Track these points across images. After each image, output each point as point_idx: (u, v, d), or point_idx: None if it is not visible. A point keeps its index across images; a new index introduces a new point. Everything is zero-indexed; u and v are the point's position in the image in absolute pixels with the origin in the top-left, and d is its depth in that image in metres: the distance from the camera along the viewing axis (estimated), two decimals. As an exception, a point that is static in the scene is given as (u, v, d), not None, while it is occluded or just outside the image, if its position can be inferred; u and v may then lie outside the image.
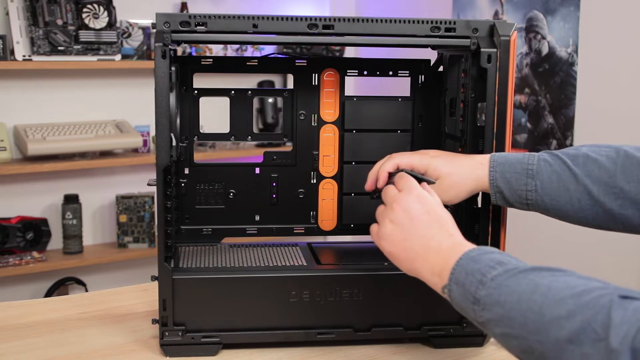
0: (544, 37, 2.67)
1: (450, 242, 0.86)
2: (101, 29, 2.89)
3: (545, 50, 2.66)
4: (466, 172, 1.02)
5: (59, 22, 2.83)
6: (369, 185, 1.06)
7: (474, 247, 0.84)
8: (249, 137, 1.22)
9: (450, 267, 0.83)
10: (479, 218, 1.10)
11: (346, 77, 1.22)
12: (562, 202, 0.99)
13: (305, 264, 1.13)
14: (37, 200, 3.03)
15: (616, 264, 2.36)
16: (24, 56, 2.78)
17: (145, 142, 3.06)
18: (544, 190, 0.99)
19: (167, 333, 1.05)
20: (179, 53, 1.18)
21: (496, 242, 1.09)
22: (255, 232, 1.23)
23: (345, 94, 1.22)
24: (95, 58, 2.89)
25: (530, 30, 2.71)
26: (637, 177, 0.94)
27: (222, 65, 1.24)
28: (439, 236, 0.87)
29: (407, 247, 0.89)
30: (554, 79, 2.64)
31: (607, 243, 2.30)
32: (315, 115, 1.21)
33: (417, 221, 0.89)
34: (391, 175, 1.02)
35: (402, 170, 0.99)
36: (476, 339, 1.12)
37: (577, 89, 2.55)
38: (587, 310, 0.66)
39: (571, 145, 2.57)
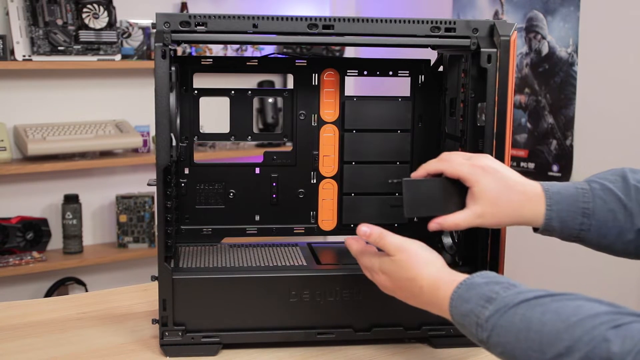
0: (544, 37, 2.67)
1: (426, 296, 0.89)
2: (101, 29, 2.89)
3: (545, 50, 2.66)
4: (513, 207, 0.96)
5: (59, 22, 2.83)
6: (418, 174, 1.04)
7: (459, 283, 0.84)
8: (249, 137, 1.22)
9: (447, 312, 0.85)
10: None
11: (346, 77, 1.22)
12: (612, 240, 0.96)
13: (305, 264, 1.13)
14: (37, 200, 3.03)
15: (616, 265, 2.36)
16: (24, 56, 2.78)
17: (145, 142, 3.06)
18: (599, 229, 0.96)
19: (167, 333, 1.05)
20: (179, 53, 1.18)
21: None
22: (255, 232, 1.23)
23: (345, 94, 1.22)
24: (95, 58, 2.89)
25: (530, 30, 2.72)
26: None
27: (222, 65, 1.23)
28: (417, 297, 0.90)
29: (405, 298, 0.94)
30: (554, 79, 2.64)
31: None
32: (315, 115, 1.21)
33: (396, 291, 0.94)
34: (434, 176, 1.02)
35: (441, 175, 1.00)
36: (476, 339, 1.12)
37: (577, 89, 2.55)
38: (584, 345, 0.68)
39: (571, 145, 2.57)
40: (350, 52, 3.46)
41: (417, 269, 0.90)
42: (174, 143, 1.06)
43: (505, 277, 0.83)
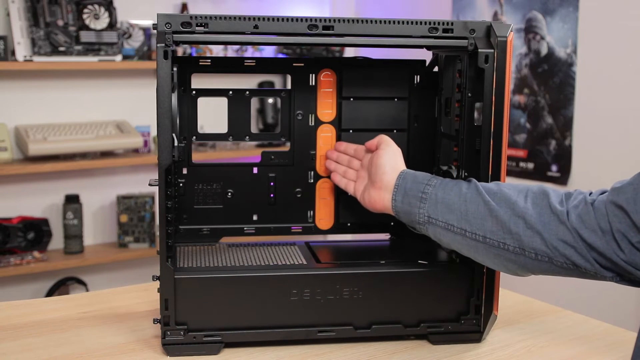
0: (543, 38, 2.67)
1: (388, 175, 1.09)
2: (102, 30, 2.90)
3: (544, 50, 2.67)
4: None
5: (60, 22, 2.84)
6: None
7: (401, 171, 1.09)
8: (247, 137, 1.22)
9: (392, 183, 1.08)
10: None
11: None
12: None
13: (305, 262, 1.14)
14: (38, 201, 3.04)
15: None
16: (25, 57, 2.79)
17: (145, 143, 3.07)
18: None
19: (169, 332, 1.06)
20: (179, 53, 1.19)
21: None
22: (253, 231, 1.23)
23: (342, 94, 1.22)
24: (96, 59, 2.90)
25: (530, 30, 2.72)
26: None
27: (220, 65, 1.24)
28: (381, 176, 1.09)
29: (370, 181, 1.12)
30: (553, 79, 2.64)
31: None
32: (313, 115, 1.22)
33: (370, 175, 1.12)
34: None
35: None
36: (474, 335, 1.12)
37: (576, 89, 2.56)
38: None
39: (570, 146, 2.58)
40: (350, 53, 3.47)
41: (397, 159, 1.10)
42: (175, 143, 1.06)
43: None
